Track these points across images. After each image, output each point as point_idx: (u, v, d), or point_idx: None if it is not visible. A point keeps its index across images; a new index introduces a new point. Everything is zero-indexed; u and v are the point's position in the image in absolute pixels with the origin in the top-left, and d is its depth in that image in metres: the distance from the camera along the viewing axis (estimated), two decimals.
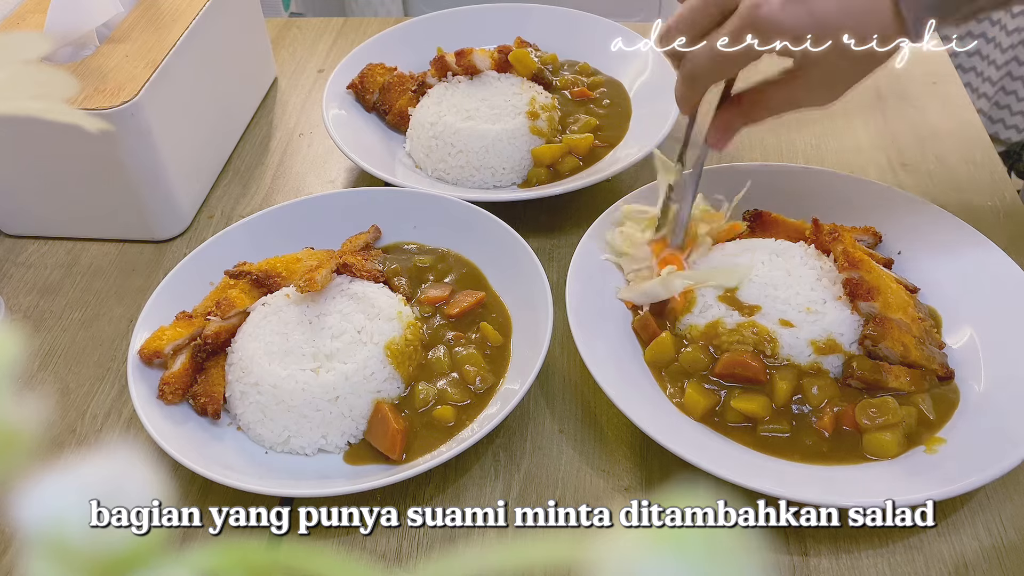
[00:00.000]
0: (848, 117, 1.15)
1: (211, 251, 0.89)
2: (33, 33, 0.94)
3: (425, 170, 1.05)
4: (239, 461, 0.74)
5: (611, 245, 0.89)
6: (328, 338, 0.77)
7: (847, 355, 0.77)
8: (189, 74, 0.99)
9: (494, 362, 0.81)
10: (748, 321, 0.78)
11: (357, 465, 0.74)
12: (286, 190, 1.08)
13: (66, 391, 0.84)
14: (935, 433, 0.73)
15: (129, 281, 0.96)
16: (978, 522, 0.70)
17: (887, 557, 0.68)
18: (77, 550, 0.20)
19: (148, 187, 0.95)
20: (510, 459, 0.76)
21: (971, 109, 1.16)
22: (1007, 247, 0.85)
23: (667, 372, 0.79)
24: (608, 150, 1.05)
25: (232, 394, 0.78)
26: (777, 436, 0.74)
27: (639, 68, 1.14)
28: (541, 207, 1.01)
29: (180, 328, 0.81)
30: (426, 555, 0.70)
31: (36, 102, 0.37)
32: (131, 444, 0.66)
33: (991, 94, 2.49)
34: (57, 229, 1.01)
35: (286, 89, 1.25)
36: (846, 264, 0.78)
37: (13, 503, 0.20)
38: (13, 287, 0.96)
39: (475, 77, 1.07)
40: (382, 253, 0.92)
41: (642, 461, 0.76)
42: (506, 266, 0.88)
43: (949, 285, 0.85)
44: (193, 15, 1.00)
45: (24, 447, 0.22)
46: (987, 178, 1.05)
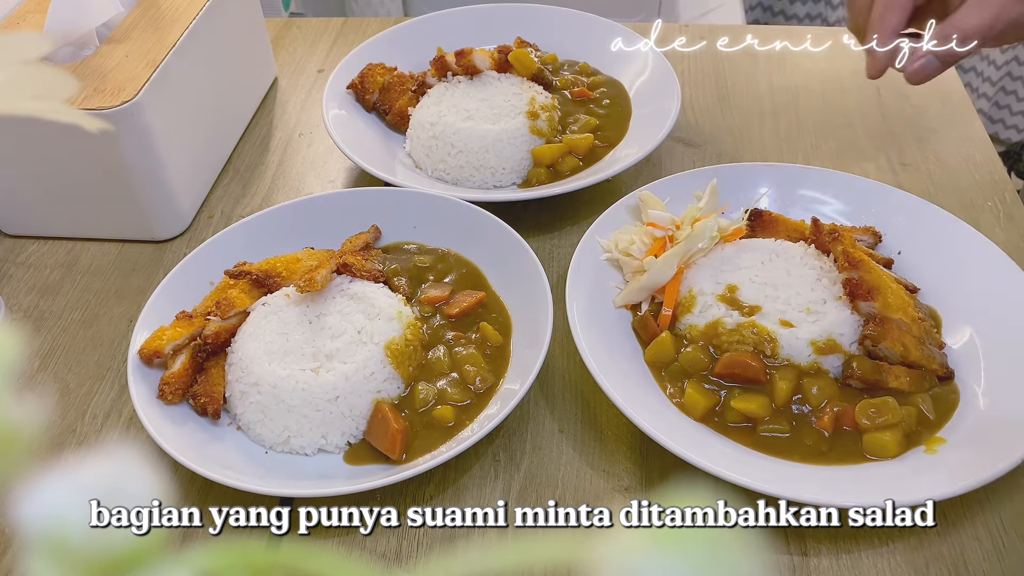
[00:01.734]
0: (848, 117, 1.15)
1: (211, 251, 0.89)
2: (33, 33, 0.94)
3: (425, 170, 1.05)
4: (239, 461, 0.74)
5: (611, 245, 0.89)
6: (328, 338, 0.77)
7: (847, 355, 0.77)
8: (189, 74, 0.99)
9: (494, 362, 0.81)
10: (748, 321, 0.78)
11: (357, 465, 0.74)
12: (286, 190, 1.08)
13: (66, 391, 0.84)
14: (935, 433, 0.73)
15: (129, 281, 0.96)
16: (978, 522, 0.70)
17: (887, 557, 0.68)
18: (77, 550, 0.20)
19: (148, 187, 0.95)
20: (510, 459, 0.76)
21: (971, 109, 1.16)
22: (1007, 247, 0.85)
23: (667, 372, 0.79)
24: (608, 150, 1.05)
25: (232, 394, 0.78)
26: (777, 436, 0.74)
27: (639, 68, 1.14)
28: (541, 207, 1.01)
29: (180, 328, 0.81)
30: (426, 555, 0.70)
31: (36, 102, 0.37)
32: (131, 444, 0.66)
33: (991, 94, 2.49)
34: (57, 229, 1.01)
35: (286, 89, 1.25)
36: (846, 264, 0.78)
37: (13, 503, 0.20)
38: (13, 287, 0.96)
39: (475, 77, 1.07)
40: (382, 253, 0.92)
41: (642, 461, 0.76)
42: (506, 266, 0.88)
43: (949, 285, 0.85)
44: (193, 15, 1.00)
45: (24, 447, 0.22)
46: (987, 178, 1.05)
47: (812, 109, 1.17)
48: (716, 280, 0.82)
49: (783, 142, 1.12)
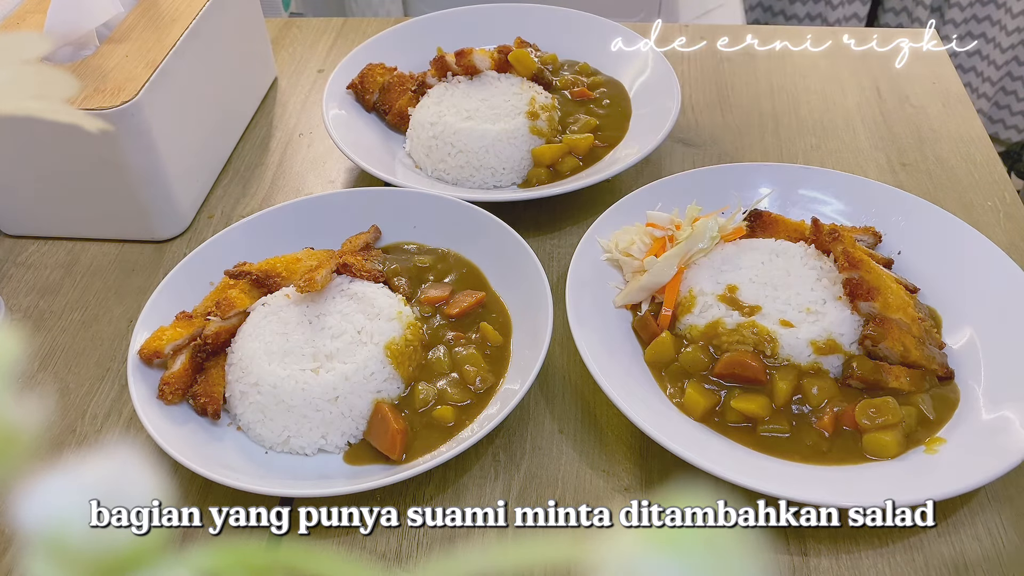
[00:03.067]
0: (848, 117, 1.15)
1: (211, 251, 0.89)
2: (33, 33, 0.94)
3: (425, 170, 1.05)
4: (239, 461, 0.74)
5: (611, 245, 0.89)
6: (328, 338, 0.77)
7: (847, 355, 0.77)
8: (189, 74, 0.99)
9: (494, 362, 0.81)
10: (748, 321, 0.78)
11: (357, 465, 0.74)
12: (286, 190, 1.08)
13: (66, 391, 0.84)
14: (935, 433, 0.73)
15: (129, 281, 0.96)
16: (978, 522, 0.70)
17: (887, 557, 0.68)
18: (77, 550, 0.20)
19: (148, 187, 0.95)
20: (510, 459, 0.76)
21: (971, 109, 1.16)
22: (1007, 247, 0.85)
23: (667, 372, 0.79)
24: (608, 150, 1.05)
25: (232, 394, 0.78)
26: (777, 436, 0.74)
27: (639, 68, 1.14)
28: (541, 207, 1.01)
29: (180, 328, 0.81)
30: (426, 555, 0.70)
31: (36, 102, 0.37)
32: (131, 444, 0.66)
33: (991, 94, 2.49)
34: (57, 229, 1.01)
35: (286, 89, 1.25)
36: (846, 264, 0.78)
37: (13, 503, 0.20)
38: (13, 287, 0.96)
39: (475, 77, 1.07)
40: (382, 253, 0.92)
41: (642, 461, 0.76)
42: (506, 266, 0.88)
43: (949, 285, 0.85)
44: (193, 15, 1.00)
45: (24, 447, 0.22)
46: (987, 178, 1.05)
47: (812, 109, 1.17)
48: (716, 280, 0.82)
49: (783, 142, 1.12)
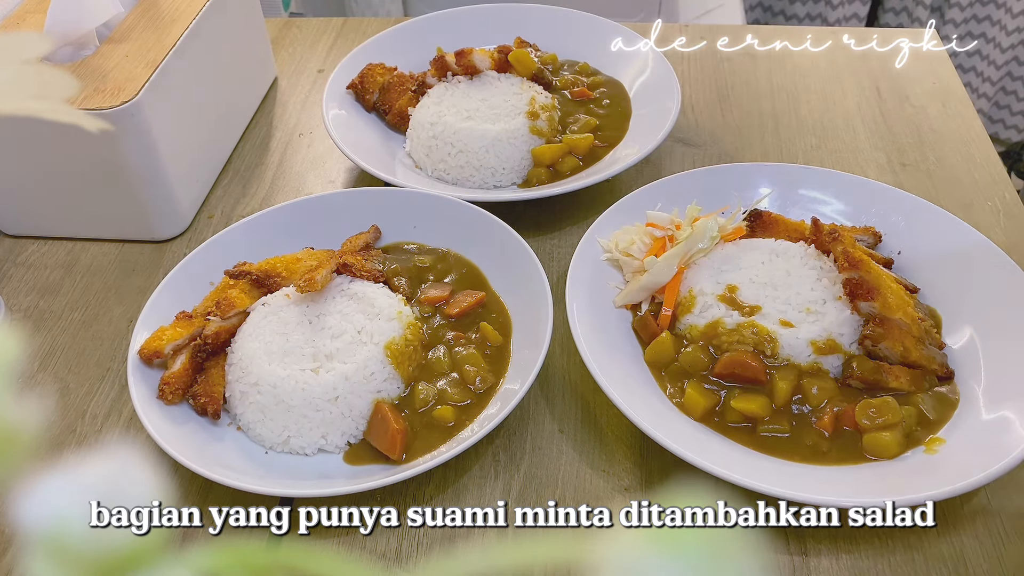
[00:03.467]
0: (848, 117, 1.15)
1: (211, 251, 0.89)
2: (33, 33, 0.94)
3: (425, 170, 1.05)
4: (239, 461, 0.74)
5: (611, 245, 0.89)
6: (328, 338, 0.77)
7: (847, 355, 0.77)
8: (189, 74, 0.99)
9: (494, 362, 0.81)
10: (748, 321, 0.78)
11: (357, 465, 0.74)
12: (286, 190, 1.08)
13: (66, 391, 0.84)
14: (935, 433, 0.73)
15: (129, 281, 0.96)
16: (978, 522, 0.70)
17: (887, 557, 0.68)
18: (77, 550, 0.20)
19: (148, 187, 0.95)
20: (510, 459, 0.76)
21: (971, 109, 1.16)
22: (1007, 247, 0.85)
23: (667, 372, 0.79)
24: (608, 150, 1.05)
25: (232, 394, 0.78)
26: (777, 436, 0.74)
27: (639, 68, 1.14)
28: (541, 207, 1.01)
29: (180, 328, 0.81)
30: (426, 555, 0.70)
31: (36, 102, 0.37)
32: (131, 444, 0.66)
33: (991, 94, 2.49)
34: (57, 229, 1.01)
35: (286, 89, 1.25)
36: (846, 264, 0.78)
37: (13, 503, 0.20)
38: (13, 287, 0.96)
39: (475, 77, 1.07)
40: (382, 253, 0.92)
41: (642, 461, 0.76)
42: (506, 266, 0.88)
43: (949, 285, 0.85)
44: (193, 15, 1.00)
45: (24, 447, 0.22)
46: (987, 178, 1.05)
47: (812, 109, 1.17)
48: (716, 280, 0.82)
49: (783, 142, 1.12)
